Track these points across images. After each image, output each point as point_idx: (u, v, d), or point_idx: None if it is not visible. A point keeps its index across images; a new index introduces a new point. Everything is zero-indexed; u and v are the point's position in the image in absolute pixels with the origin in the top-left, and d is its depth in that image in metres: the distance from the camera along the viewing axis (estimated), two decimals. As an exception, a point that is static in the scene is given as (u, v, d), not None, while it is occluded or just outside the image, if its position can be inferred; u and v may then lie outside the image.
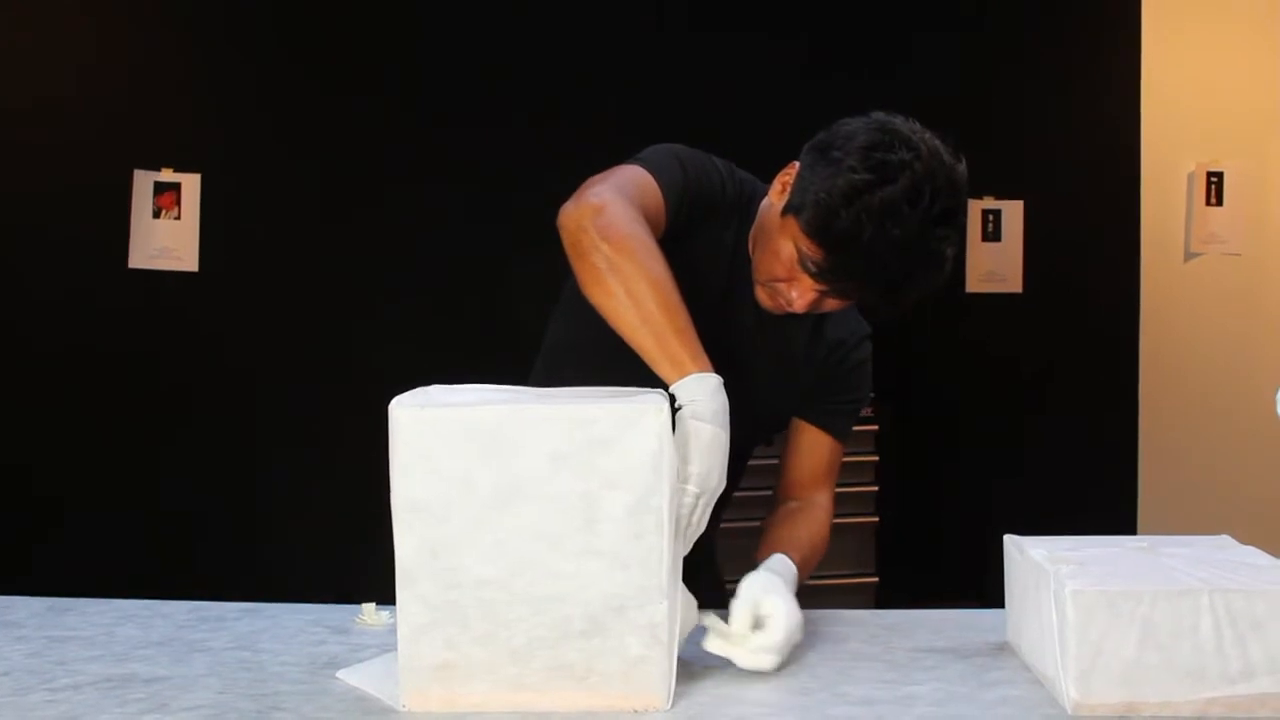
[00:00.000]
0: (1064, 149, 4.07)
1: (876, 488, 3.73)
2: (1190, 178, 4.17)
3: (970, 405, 4.07)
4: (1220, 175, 4.17)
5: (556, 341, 1.84)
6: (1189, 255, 4.20)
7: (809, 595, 1.65)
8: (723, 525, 1.77)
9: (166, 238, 3.76)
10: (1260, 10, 4.17)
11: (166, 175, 3.77)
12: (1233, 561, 1.44)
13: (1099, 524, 1.70)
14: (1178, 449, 4.11)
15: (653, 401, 1.34)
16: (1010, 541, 1.57)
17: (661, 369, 1.43)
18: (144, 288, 3.74)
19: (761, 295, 1.68)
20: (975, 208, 4.11)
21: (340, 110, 3.79)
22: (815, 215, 1.52)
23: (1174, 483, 4.08)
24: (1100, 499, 3.97)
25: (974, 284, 4.10)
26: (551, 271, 1.77)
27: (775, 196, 1.64)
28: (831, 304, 1.64)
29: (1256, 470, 4.13)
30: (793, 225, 1.57)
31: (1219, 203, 4.17)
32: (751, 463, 1.85)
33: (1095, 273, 4.10)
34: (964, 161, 1.56)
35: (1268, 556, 1.48)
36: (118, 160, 3.73)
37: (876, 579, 3.69)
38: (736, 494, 1.72)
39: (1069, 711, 1.33)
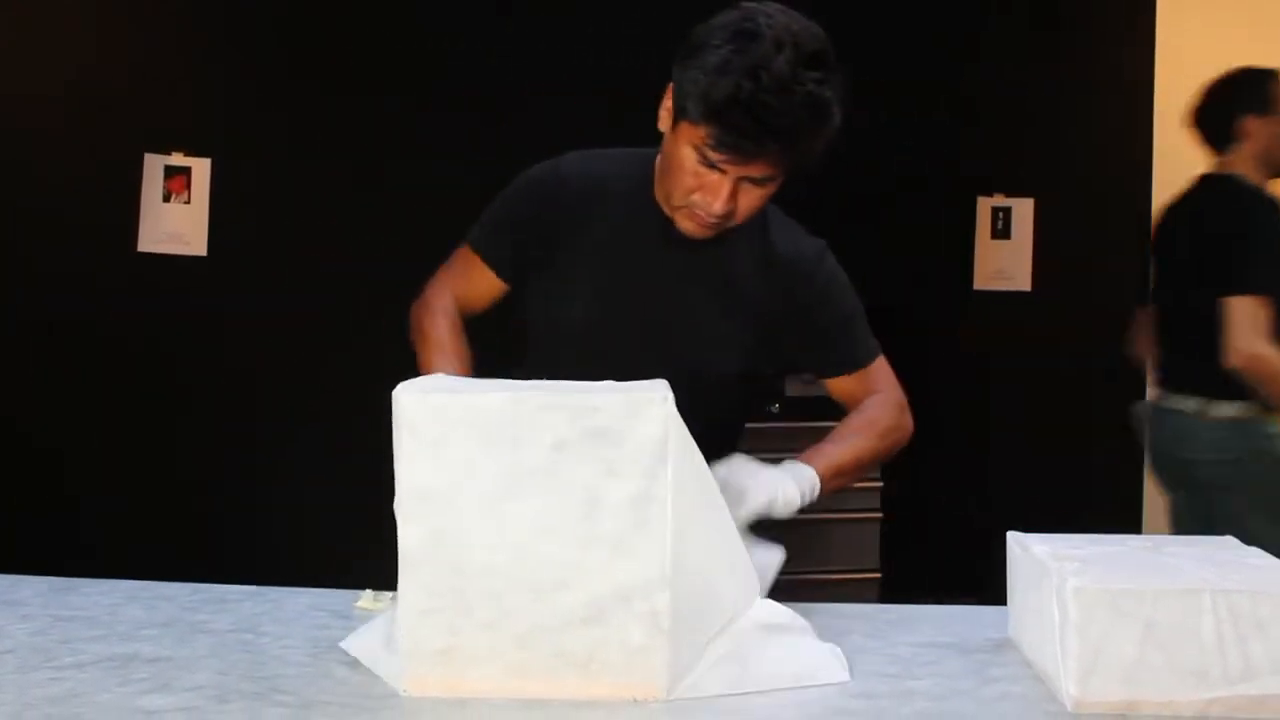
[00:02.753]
0: (1076, 147, 4.05)
1: (882, 484, 3.73)
2: (1203, 179, 4.16)
3: (977, 403, 4.07)
4: (1233, 177, 4.15)
5: (557, 321, 1.86)
6: (1200, 256, 4.18)
7: (813, 590, 1.66)
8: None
9: (176, 222, 3.76)
10: (1275, 12, 4.15)
11: (177, 159, 3.77)
12: (1236, 562, 1.44)
13: (1104, 523, 1.70)
14: (1185, 450, 4.09)
15: (656, 391, 1.34)
16: (1013, 539, 1.57)
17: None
18: (152, 272, 3.74)
19: (684, 223, 1.73)
20: (985, 205, 4.09)
21: (352, 97, 3.79)
22: (698, 98, 1.59)
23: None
24: (1106, 498, 3.96)
25: (982, 282, 4.09)
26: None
27: (664, 125, 1.71)
28: (748, 199, 1.67)
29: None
30: (685, 128, 1.63)
31: (1231, 204, 4.15)
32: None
33: (1105, 272, 4.09)
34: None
35: (1271, 558, 1.47)
36: (128, 144, 3.73)
37: (880, 575, 3.69)
38: None
39: (1069, 709, 1.33)
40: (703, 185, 1.66)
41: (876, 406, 1.85)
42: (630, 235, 1.80)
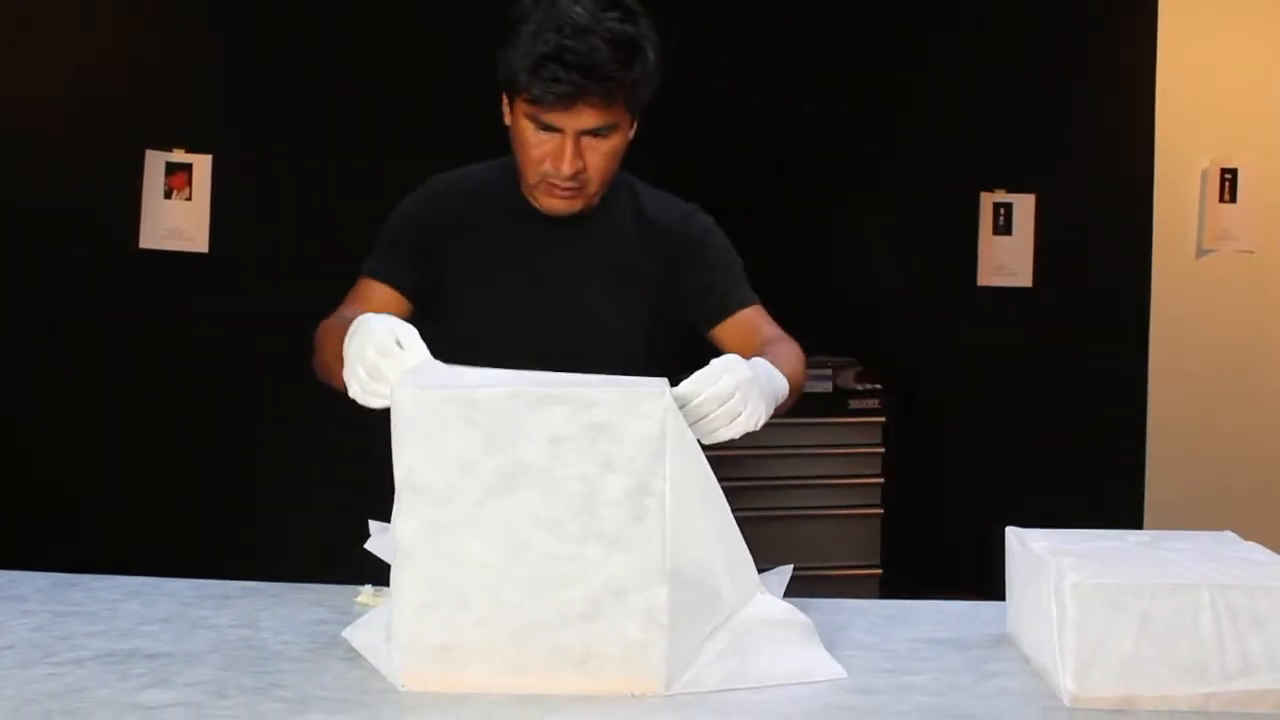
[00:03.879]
0: (1077, 143, 4.05)
1: (882, 480, 3.73)
2: (1204, 174, 4.15)
3: (978, 399, 4.06)
4: (1234, 172, 4.15)
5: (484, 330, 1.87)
6: (1201, 252, 4.18)
7: (814, 585, 1.65)
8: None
9: (177, 218, 3.76)
10: (1275, 11, 4.14)
11: (178, 156, 3.77)
12: (1234, 557, 1.44)
13: (1105, 519, 1.70)
14: (1186, 445, 4.10)
15: (653, 386, 1.34)
16: (1012, 534, 1.57)
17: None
18: (154, 268, 3.74)
19: (544, 200, 1.82)
20: (987, 201, 4.10)
21: (352, 97, 3.79)
22: (518, 66, 1.71)
23: (1181, 479, 4.07)
24: (1107, 494, 3.96)
25: (984, 278, 4.09)
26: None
27: (506, 117, 1.82)
28: (595, 156, 1.75)
29: (1264, 467, 4.11)
30: (518, 104, 1.75)
31: (1232, 200, 4.15)
32: (746, 453, 1.84)
33: (1106, 268, 4.08)
34: None
35: (1269, 553, 1.47)
36: (129, 141, 3.73)
37: (880, 571, 3.68)
38: (733, 484, 1.70)
39: (1067, 704, 1.33)
40: (548, 153, 1.75)
41: (794, 352, 1.79)
42: (509, 233, 1.87)
